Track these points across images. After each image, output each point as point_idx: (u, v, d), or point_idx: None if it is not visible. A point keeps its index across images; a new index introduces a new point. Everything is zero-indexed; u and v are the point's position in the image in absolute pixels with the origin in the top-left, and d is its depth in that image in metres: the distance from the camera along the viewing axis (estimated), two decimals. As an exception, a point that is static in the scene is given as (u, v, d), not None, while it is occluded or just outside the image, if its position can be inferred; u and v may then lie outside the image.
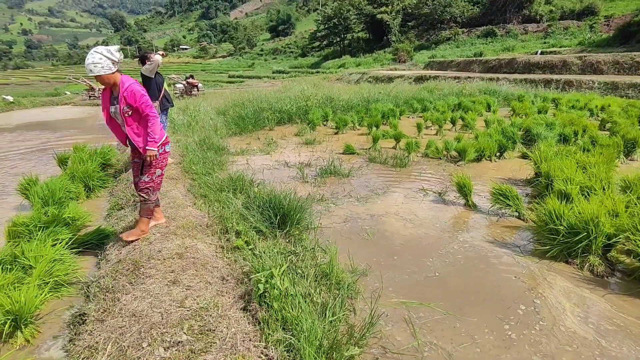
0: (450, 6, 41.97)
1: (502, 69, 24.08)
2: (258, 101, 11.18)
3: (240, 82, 35.78)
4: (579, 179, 4.19)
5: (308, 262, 3.13)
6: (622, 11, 31.86)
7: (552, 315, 2.62)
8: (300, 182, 5.49)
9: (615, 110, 9.72)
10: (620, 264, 3.25)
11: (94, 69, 2.88)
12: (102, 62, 2.88)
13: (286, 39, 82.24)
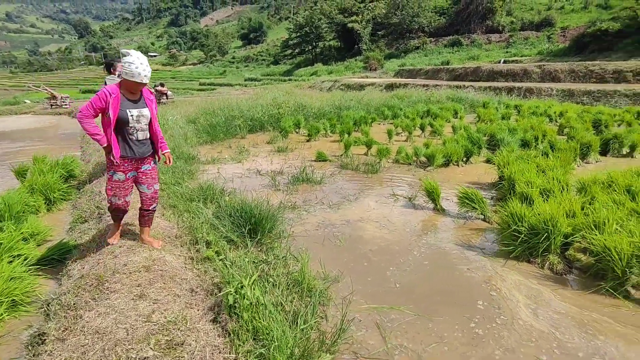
0: (418, 16, 43.31)
1: (468, 77, 25.01)
2: (229, 109, 11.08)
3: (211, 89, 35.32)
4: (539, 182, 4.40)
5: (280, 270, 3.12)
6: (577, 23, 33.93)
7: (512, 311, 2.74)
8: (272, 190, 5.47)
9: (572, 116, 10.30)
10: (577, 261, 3.43)
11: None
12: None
13: (258, 47, 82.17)
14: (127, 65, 2.72)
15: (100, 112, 2.80)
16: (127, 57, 2.75)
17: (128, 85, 2.84)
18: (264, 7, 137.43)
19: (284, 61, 62.56)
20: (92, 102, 2.75)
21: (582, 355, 2.36)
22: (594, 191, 4.15)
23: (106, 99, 2.75)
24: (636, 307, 2.79)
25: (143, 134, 3.01)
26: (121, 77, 2.82)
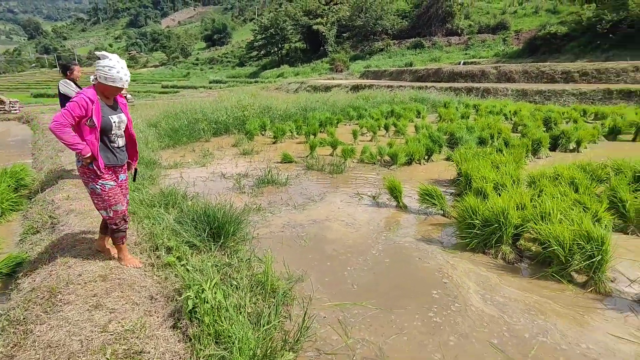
0: (381, 19, 44.23)
1: (430, 78, 25.82)
2: (193, 112, 10.86)
3: (174, 92, 34.42)
4: (493, 177, 4.64)
5: (243, 272, 3.11)
6: (529, 26, 35.86)
7: (464, 298, 2.89)
8: (237, 193, 5.42)
9: (525, 115, 10.89)
10: (527, 250, 3.65)
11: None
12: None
13: (222, 49, 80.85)
14: (106, 69, 2.58)
15: (79, 120, 2.58)
16: (105, 61, 2.60)
17: (106, 90, 2.68)
18: (228, 9, 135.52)
19: (249, 63, 61.92)
20: (70, 109, 2.52)
21: (528, 335, 2.52)
22: (542, 184, 4.43)
23: (86, 106, 2.57)
24: (578, 290, 3.01)
25: (122, 140, 2.90)
26: (96, 82, 2.65)
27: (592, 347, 2.42)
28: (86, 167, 2.71)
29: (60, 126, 2.50)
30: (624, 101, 14.69)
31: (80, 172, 2.76)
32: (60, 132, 2.51)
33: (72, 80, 5.26)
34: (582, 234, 3.03)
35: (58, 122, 2.50)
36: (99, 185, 2.75)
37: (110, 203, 2.81)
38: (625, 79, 18.21)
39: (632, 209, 3.93)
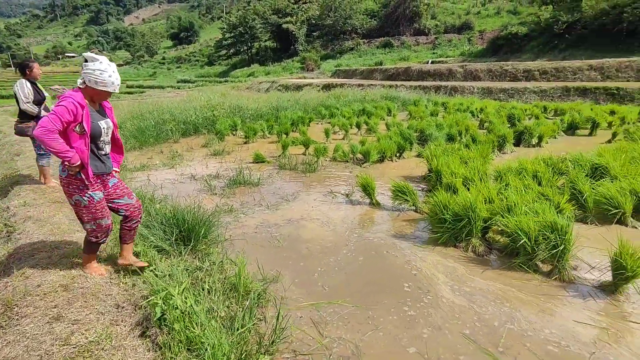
0: (350, 18, 44.58)
1: (399, 77, 26.28)
2: (160, 112, 10.51)
3: (140, 92, 33.27)
4: (462, 172, 4.76)
5: (216, 276, 3.02)
6: (492, 27, 37.21)
7: (435, 290, 2.94)
8: (208, 195, 5.29)
9: (491, 112, 11.28)
10: (496, 242, 3.77)
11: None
12: None
13: (190, 47, 78.99)
14: (97, 73, 2.42)
15: (66, 126, 2.39)
16: (96, 64, 2.44)
17: (95, 95, 2.54)
18: (194, 6, 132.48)
19: (218, 62, 60.85)
20: (59, 114, 2.32)
21: (497, 324, 2.60)
22: (508, 178, 4.58)
23: (76, 111, 2.39)
24: (543, 279, 3.13)
25: (109, 147, 2.74)
26: (84, 85, 2.48)
27: (554, 331, 2.52)
28: (73, 176, 2.50)
29: (48, 132, 2.29)
30: (581, 98, 15.52)
31: (65, 182, 2.53)
32: (48, 139, 2.29)
33: (31, 80, 4.86)
34: (546, 224, 3.15)
35: (45, 127, 2.28)
36: (87, 197, 2.56)
37: (96, 216, 2.63)
38: (581, 77, 19.24)
39: (591, 199, 4.14)
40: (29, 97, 4.70)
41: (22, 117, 4.82)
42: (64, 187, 2.56)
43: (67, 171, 2.48)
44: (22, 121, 4.83)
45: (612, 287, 2.92)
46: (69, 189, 2.54)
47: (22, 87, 4.70)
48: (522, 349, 2.36)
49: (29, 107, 4.71)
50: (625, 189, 4.07)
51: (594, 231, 3.96)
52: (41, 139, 2.30)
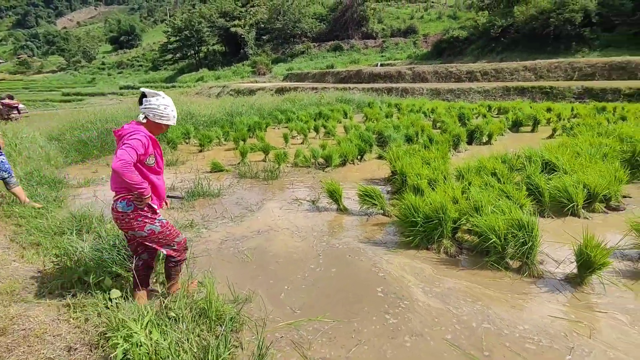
0: (299, 22, 44.72)
1: (351, 80, 26.69)
2: (104, 121, 9.72)
3: (79, 100, 30.97)
4: (426, 173, 4.81)
5: (182, 301, 2.75)
6: (434, 31, 39.05)
7: (410, 294, 2.90)
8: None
9: (442, 112, 11.71)
10: (465, 242, 3.82)
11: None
12: None
13: (132, 52, 74.99)
14: (162, 107, 2.55)
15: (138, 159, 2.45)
16: (159, 99, 2.56)
17: (156, 129, 2.64)
18: (135, 9, 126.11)
19: (164, 67, 58.31)
20: (134, 147, 2.36)
21: (475, 324, 2.60)
22: (470, 177, 4.70)
23: (147, 144, 2.47)
24: (514, 276, 3.20)
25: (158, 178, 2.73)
26: (147, 120, 2.56)
27: (527, 327, 2.56)
28: (141, 209, 2.53)
29: (128, 164, 2.32)
30: (519, 97, 16.65)
31: (131, 217, 2.51)
32: (128, 171, 2.32)
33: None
34: (514, 222, 3.23)
35: (125, 160, 2.31)
36: (157, 223, 2.62)
37: (172, 236, 2.71)
38: (518, 77, 20.68)
39: (546, 193, 4.34)
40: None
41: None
42: (130, 223, 2.53)
43: (132, 205, 2.49)
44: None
45: (578, 279, 3.04)
46: (137, 222, 2.53)
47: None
48: (505, 351, 2.35)
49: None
50: (577, 182, 4.32)
51: (552, 224, 4.15)
52: (122, 172, 2.30)
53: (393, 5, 49.21)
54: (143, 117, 2.54)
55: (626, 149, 5.79)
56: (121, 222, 2.54)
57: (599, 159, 5.36)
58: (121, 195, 2.50)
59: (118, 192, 2.53)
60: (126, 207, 2.50)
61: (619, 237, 3.55)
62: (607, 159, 5.40)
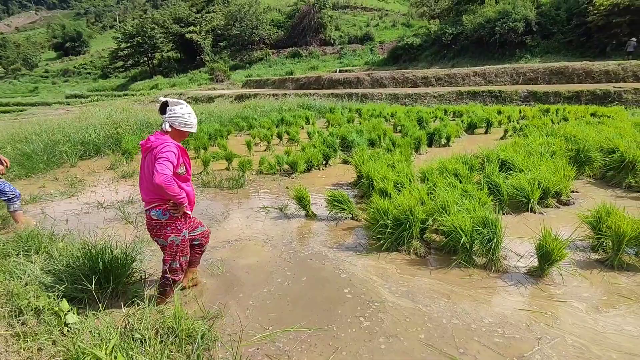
0: (257, 28, 44.45)
1: (312, 86, 26.86)
2: (50, 132, 9.06)
3: (19, 111, 28.79)
4: (391, 177, 4.89)
5: (149, 321, 2.58)
6: (390, 38, 40.29)
7: (379, 295, 2.91)
8: (123, 224, 4.63)
9: (401, 116, 12.05)
10: (433, 242, 3.91)
11: None
12: None
13: (79, 59, 70.95)
14: (186, 116, 2.66)
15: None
16: (183, 108, 2.66)
17: (181, 137, 2.73)
18: (81, 14, 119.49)
19: (115, 74, 55.67)
20: (170, 160, 2.49)
21: (445, 321, 2.67)
22: (433, 178, 4.83)
23: (178, 154, 2.59)
24: (482, 272, 3.30)
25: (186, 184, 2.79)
26: (171, 129, 2.65)
27: (496, 321, 2.65)
28: (174, 218, 2.64)
29: (170, 179, 2.44)
30: (472, 100, 17.51)
31: (163, 224, 2.63)
32: (170, 184, 2.43)
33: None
34: (479, 220, 3.34)
35: (167, 175, 2.42)
36: (181, 236, 2.72)
37: (184, 253, 2.81)
38: (469, 82, 21.76)
39: (505, 191, 4.55)
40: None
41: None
42: (159, 230, 2.64)
43: (168, 214, 2.60)
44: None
45: (539, 272, 3.19)
46: (165, 230, 2.64)
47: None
48: (478, 346, 2.41)
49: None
50: (532, 180, 4.57)
51: (512, 221, 4.36)
52: (165, 186, 2.40)
53: (349, 13, 50.27)
54: (168, 125, 2.63)
55: (571, 147, 6.23)
56: (152, 228, 2.66)
57: (548, 157, 5.72)
58: (156, 205, 2.60)
59: (151, 202, 2.61)
60: (161, 216, 2.61)
61: (572, 230, 3.78)
62: (555, 157, 5.77)
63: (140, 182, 2.67)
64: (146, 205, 2.64)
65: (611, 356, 2.29)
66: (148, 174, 2.55)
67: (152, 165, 2.48)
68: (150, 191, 2.59)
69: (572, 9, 25.26)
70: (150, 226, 2.66)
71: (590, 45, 23.88)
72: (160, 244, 2.73)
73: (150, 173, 2.50)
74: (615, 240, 3.29)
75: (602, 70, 18.48)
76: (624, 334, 2.48)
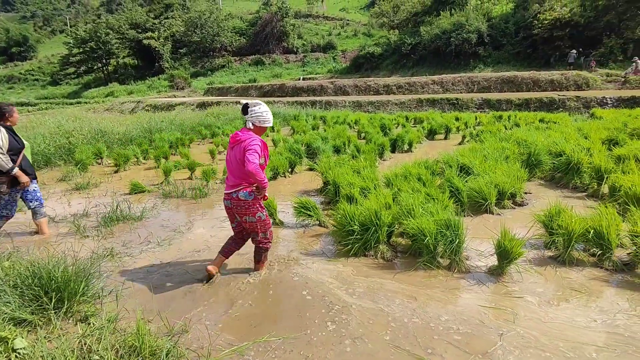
0: (219, 36, 43.87)
1: (275, 93, 26.80)
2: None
3: (-43, 119, 26.40)
4: (357, 182, 4.95)
5: (108, 340, 2.43)
6: (352, 47, 41.15)
7: (347, 302, 2.93)
8: (77, 239, 4.35)
9: (365, 123, 12.28)
10: (399, 246, 3.99)
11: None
12: None
13: (26, 64, 66.59)
14: (265, 114, 3.15)
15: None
16: (261, 107, 3.16)
17: (259, 132, 3.21)
18: (27, 17, 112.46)
19: (66, 81, 52.74)
20: (257, 152, 3.00)
21: (406, 320, 2.73)
22: (398, 183, 4.95)
23: (262, 147, 3.08)
24: (446, 273, 3.41)
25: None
26: (254, 126, 3.14)
27: (462, 319, 2.73)
28: (258, 198, 3.18)
29: (258, 167, 2.97)
30: (431, 107, 18.19)
31: (250, 204, 3.15)
32: (259, 172, 2.96)
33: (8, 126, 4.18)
34: (442, 223, 3.45)
35: (256, 164, 2.96)
36: (265, 212, 3.29)
37: (268, 226, 3.34)
38: (428, 90, 22.62)
39: (465, 194, 4.75)
40: (4, 146, 4.02)
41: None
42: (248, 209, 3.16)
43: (253, 195, 3.13)
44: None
45: (499, 270, 3.34)
46: (253, 209, 3.17)
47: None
48: (446, 346, 2.46)
49: (2, 159, 3.97)
50: (489, 182, 4.80)
51: (472, 222, 4.54)
52: (255, 172, 2.94)
53: (312, 22, 50.88)
54: (251, 124, 3.13)
55: (523, 151, 6.62)
56: (240, 208, 3.15)
57: (503, 160, 6.03)
58: (242, 187, 3.10)
59: (238, 185, 3.11)
60: (248, 196, 3.11)
61: (527, 229, 4.00)
62: (509, 160, 6.10)
63: (229, 169, 3.18)
64: (232, 188, 3.12)
65: (558, 345, 2.42)
66: (236, 162, 3.07)
67: (242, 155, 3.00)
68: (238, 176, 3.10)
69: (519, 22, 27.06)
70: (238, 206, 3.14)
71: (536, 57, 25.65)
72: (249, 222, 3.20)
73: (239, 162, 3.04)
74: (565, 237, 3.51)
75: (547, 79, 19.87)
76: (573, 325, 2.64)
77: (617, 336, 2.51)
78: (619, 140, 7.37)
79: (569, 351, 2.37)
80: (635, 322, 2.65)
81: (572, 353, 2.35)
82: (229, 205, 3.23)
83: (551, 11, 24.95)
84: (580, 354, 2.34)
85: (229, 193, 3.15)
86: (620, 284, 3.19)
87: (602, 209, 3.67)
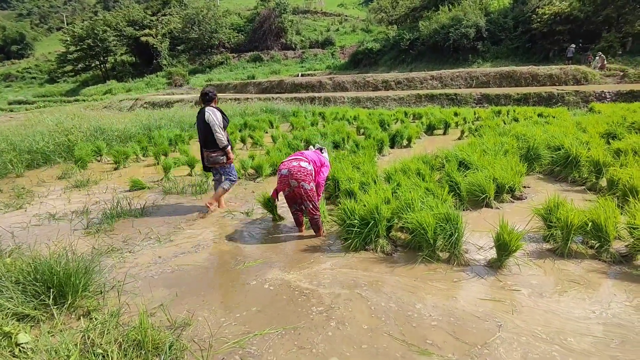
0: (216, 32, 43.70)
1: (274, 90, 26.75)
2: (-2, 141, 8.39)
3: (-46, 118, 26.36)
4: (357, 177, 4.97)
5: (112, 334, 2.45)
6: (350, 43, 41.01)
7: (349, 296, 2.96)
8: (78, 236, 4.37)
9: (364, 118, 12.28)
10: (399, 240, 4.01)
11: None
12: None
13: (23, 62, 66.27)
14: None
15: None
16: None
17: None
18: (23, 15, 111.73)
19: (64, 79, 52.50)
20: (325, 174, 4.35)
21: (408, 312, 2.76)
22: (397, 178, 4.97)
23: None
24: (446, 267, 3.43)
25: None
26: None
27: (462, 311, 2.75)
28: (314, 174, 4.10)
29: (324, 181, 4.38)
30: (430, 103, 18.18)
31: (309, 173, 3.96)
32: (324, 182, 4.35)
33: (218, 108, 4.91)
34: (441, 216, 3.48)
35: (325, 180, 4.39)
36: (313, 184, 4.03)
37: (317, 197, 4.11)
38: (427, 85, 22.58)
39: (465, 188, 4.77)
40: (222, 124, 4.74)
41: (211, 147, 4.81)
42: (307, 176, 3.92)
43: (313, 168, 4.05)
44: (214, 150, 4.81)
45: (498, 263, 3.37)
46: (310, 178, 3.94)
47: (216, 115, 4.69)
48: (446, 337, 2.49)
49: (222, 135, 4.71)
50: (488, 177, 4.82)
51: (471, 216, 4.56)
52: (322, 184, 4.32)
53: (310, 17, 50.63)
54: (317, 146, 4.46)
55: (522, 146, 6.64)
56: (302, 174, 3.87)
57: (502, 155, 6.05)
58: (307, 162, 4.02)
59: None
60: (309, 167, 3.97)
61: (525, 222, 4.03)
62: (508, 154, 6.12)
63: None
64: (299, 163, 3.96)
65: (556, 335, 2.45)
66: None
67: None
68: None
69: (518, 17, 26.99)
70: (299, 171, 3.85)
71: (535, 51, 25.62)
72: (304, 188, 3.87)
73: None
74: (564, 230, 3.53)
75: (546, 74, 19.85)
76: (572, 316, 2.67)
77: (614, 327, 2.54)
78: (617, 134, 7.39)
79: (567, 341, 2.40)
80: (631, 313, 2.68)
81: (569, 343, 2.38)
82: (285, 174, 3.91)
83: (550, 5, 24.91)
84: (578, 344, 2.37)
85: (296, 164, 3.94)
86: (618, 275, 3.22)
87: (600, 202, 3.69)
